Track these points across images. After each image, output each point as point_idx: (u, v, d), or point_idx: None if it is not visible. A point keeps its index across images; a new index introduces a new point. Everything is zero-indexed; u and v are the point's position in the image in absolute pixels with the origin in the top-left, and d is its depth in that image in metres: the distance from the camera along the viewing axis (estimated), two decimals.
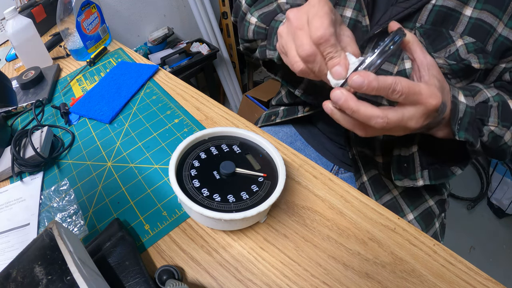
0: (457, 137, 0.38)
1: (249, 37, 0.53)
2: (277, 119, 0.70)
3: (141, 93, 0.63)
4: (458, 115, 0.38)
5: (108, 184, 0.47)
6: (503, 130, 0.41)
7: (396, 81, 0.30)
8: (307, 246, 0.37)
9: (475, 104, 0.39)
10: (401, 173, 0.51)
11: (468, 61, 0.42)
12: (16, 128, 0.62)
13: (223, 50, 1.74)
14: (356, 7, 0.47)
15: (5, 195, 0.49)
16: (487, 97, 0.40)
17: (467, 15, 0.41)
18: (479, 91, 0.41)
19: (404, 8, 0.43)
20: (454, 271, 0.35)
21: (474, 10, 0.41)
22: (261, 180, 0.39)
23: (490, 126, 0.40)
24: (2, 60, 0.87)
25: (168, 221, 0.41)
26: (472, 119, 0.39)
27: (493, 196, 1.38)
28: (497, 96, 0.41)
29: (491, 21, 0.41)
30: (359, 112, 0.31)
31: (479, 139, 0.41)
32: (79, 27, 0.71)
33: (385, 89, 0.30)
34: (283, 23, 0.38)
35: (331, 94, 0.32)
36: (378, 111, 0.31)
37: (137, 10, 1.56)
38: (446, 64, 0.44)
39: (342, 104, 0.31)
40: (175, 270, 0.34)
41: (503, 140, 0.42)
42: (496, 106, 0.40)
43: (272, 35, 0.46)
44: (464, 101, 0.38)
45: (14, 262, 0.29)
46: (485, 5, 0.40)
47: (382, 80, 0.29)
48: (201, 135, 0.43)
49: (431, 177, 0.50)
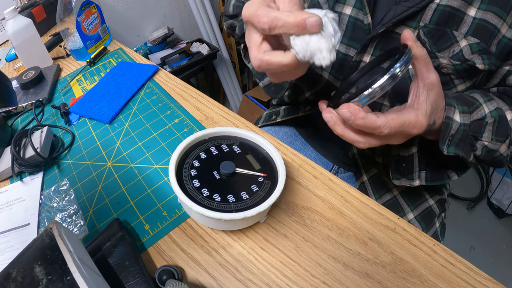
0: (446, 152, 0.40)
1: (229, 12, 0.56)
2: (278, 118, 0.70)
3: (141, 93, 0.63)
4: (450, 132, 0.39)
5: (108, 184, 0.47)
6: (497, 145, 0.42)
7: (386, 125, 0.33)
8: (307, 246, 0.37)
9: (470, 122, 0.40)
10: (399, 173, 0.51)
11: (472, 61, 0.42)
12: (16, 128, 0.62)
13: (223, 50, 1.73)
14: (356, 5, 0.47)
15: (5, 195, 0.49)
16: (484, 114, 0.41)
17: (471, 16, 0.41)
18: (478, 108, 0.41)
19: (408, 7, 0.43)
20: (454, 271, 0.35)
21: (478, 11, 0.41)
22: (261, 180, 0.39)
23: (484, 141, 0.41)
24: (2, 60, 0.87)
25: (168, 221, 0.41)
26: (464, 136, 0.40)
27: (493, 196, 1.38)
28: (495, 111, 0.41)
29: (495, 22, 0.40)
30: (344, 136, 0.36)
31: (472, 153, 0.42)
32: (79, 27, 0.71)
33: (372, 129, 0.33)
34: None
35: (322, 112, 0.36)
36: (361, 138, 0.35)
37: (137, 10, 1.56)
38: (450, 64, 0.43)
39: (330, 126, 0.36)
40: (175, 270, 0.34)
41: (498, 152, 0.42)
42: (491, 122, 0.41)
43: None
44: (459, 121, 0.39)
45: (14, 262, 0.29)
46: (489, 6, 0.40)
47: (370, 120, 0.32)
48: (201, 135, 0.43)
49: (428, 178, 0.51)
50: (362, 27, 0.47)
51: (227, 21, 0.59)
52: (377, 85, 0.32)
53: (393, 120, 0.33)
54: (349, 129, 0.36)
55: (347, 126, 0.36)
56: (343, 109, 0.33)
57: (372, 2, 0.47)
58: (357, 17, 0.47)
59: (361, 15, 0.47)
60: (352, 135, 0.35)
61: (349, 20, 0.48)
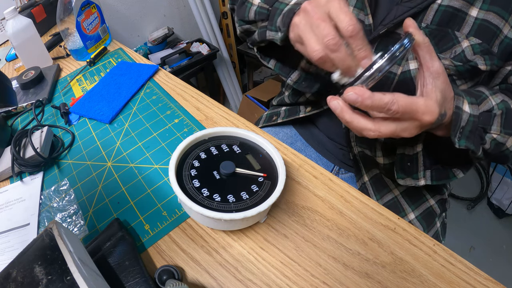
0: (458, 145, 0.39)
1: (250, 17, 0.54)
2: (278, 119, 0.70)
3: (141, 93, 0.63)
4: (460, 124, 0.38)
5: (108, 184, 0.47)
6: (505, 138, 0.41)
7: (393, 101, 0.31)
8: (307, 246, 0.37)
9: (478, 113, 0.39)
10: (404, 172, 0.51)
11: (474, 62, 0.42)
12: (16, 128, 0.62)
13: (223, 50, 1.74)
14: (357, 5, 0.47)
15: (5, 195, 0.49)
16: (491, 105, 0.40)
17: (473, 16, 0.41)
18: (485, 99, 0.40)
19: (409, 8, 0.42)
20: (454, 271, 0.35)
21: (480, 11, 0.41)
22: (261, 180, 0.39)
23: (493, 134, 0.40)
24: (2, 60, 0.87)
25: (168, 221, 0.41)
26: (474, 128, 0.39)
27: (493, 196, 1.38)
28: (501, 104, 0.41)
29: (497, 22, 0.40)
30: (352, 123, 0.34)
31: (481, 146, 0.41)
32: (79, 27, 0.71)
33: (380, 107, 0.32)
34: (297, 13, 0.40)
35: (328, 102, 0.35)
36: (371, 124, 0.34)
37: (137, 10, 1.56)
38: (452, 65, 0.43)
39: (338, 114, 0.34)
40: (175, 270, 0.34)
41: (505, 146, 0.42)
42: (499, 114, 0.40)
43: (274, 16, 0.47)
44: (468, 111, 0.38)
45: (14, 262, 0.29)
46: (491, 6, 0.40)
47: (377, 98, 0.31)
48: (201, 135, 0.43)
49: (433, 177, 0.50)
50: (364, 27, 0.47)
51: (243, 26, 0.58)
52: (376, 67, 0.32)
53: (400, 97, 0.32)
54: (357, 115, 0.34)
55: (356, 112, 0.34)
56: (349, 92, 0.32)
57: (373, 2, 0.46)
58: (358, 17, 0.47)
59: (362, 16, 0.47)
60: (361, 122, 0.34)
61: None
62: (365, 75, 0.32)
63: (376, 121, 0.34)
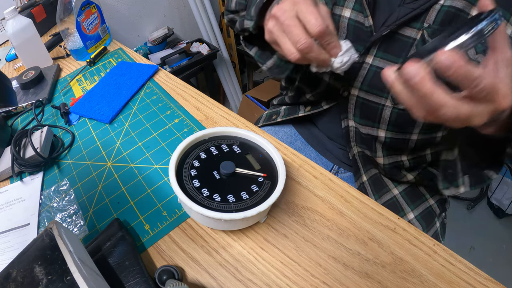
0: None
1: (231, 7, 0.59)
2: (278, 118, 0.70)
3: (141, 93, 0.63)
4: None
5: (108, 184, 0.47)
6: None
7: (482, 76, 0.27)
8: (307, 246, 0.37)
9: None
10: (447, 180, 0.48)
11: (477, 61, 0.42)
12: (16, 128, 0.62)
13: (223, 50, 1.74)
14: (355, 7, 0.47)
15: (5, 195, 0.49)
16: None
17: None
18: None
19: (412, 9, 0.42)
20: (454, 271, 0.35)
21: None
22: (261, 180, 0.39)
23: None
24: (2, 60, 0.87)
25: (168, 221, 0.41)
26: None
27: (493, 196, 1.38)
28: None
29: None
30: (432, 96, 0.27)
31: None
32: (79, 27, 0.71)
33: (469, 81, 0.26)
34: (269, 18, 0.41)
35: (405, 67, 0.28)
36: (453, 101, 0.28)
37: (137, 10, 1.56)
38: None
39: (416, 82, 0.27)
40: (175, 270, 0.34)
41: None
42: None
43: (249, 7, 0.49)
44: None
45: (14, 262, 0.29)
46: None
47: (469, 69, 0.26)
48: (201, 135, 0.43)
49: (472, 182, 0.47)
50: (363, 29, 0.47)
51: (228, 15, 0.62)
52: (460, 41, 0.26)
53: (491, 80, 0.27)
54: (439, 88, 0.28)
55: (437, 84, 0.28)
56: (443, 56, 0.26)
57: (371, 4, 0.46)
58: (357, 19, 0.47)
59: (361, 17, 0.47)
60: (441, 95, 0.27)
61: (349, 22, 0.48)
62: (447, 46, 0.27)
63: (457, 99, 0.28)
